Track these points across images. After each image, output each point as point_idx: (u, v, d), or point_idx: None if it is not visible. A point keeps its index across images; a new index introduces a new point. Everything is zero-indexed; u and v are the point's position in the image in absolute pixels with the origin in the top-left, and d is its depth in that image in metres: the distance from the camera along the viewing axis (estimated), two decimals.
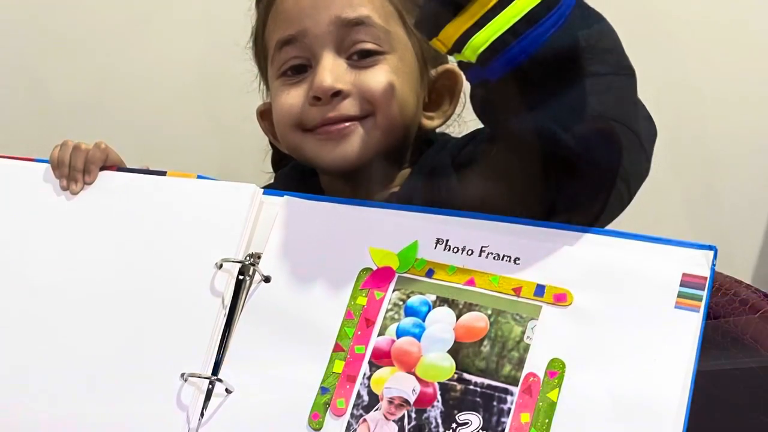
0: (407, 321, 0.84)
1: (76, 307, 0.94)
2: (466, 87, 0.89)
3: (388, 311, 0.85)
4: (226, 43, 1.17)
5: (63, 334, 0.94)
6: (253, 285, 0.91)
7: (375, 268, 0.87)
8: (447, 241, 0.86)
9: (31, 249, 1.00)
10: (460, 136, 1.04)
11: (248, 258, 0.92)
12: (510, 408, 0.78)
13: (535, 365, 0.79)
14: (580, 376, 0.78)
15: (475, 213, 0.87)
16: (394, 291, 0.86)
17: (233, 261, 0.91)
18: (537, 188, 0.84)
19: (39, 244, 1.00)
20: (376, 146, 0.99)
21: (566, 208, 0.85)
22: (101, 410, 0.89)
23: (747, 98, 1.68)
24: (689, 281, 0.78)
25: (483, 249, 0.85)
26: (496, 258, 0.84)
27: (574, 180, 0.84)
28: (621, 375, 0.77)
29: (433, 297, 0.84)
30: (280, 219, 0.93)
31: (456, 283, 0.84)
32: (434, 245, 0.86)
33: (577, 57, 0.78)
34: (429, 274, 0.85)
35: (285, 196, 0.94)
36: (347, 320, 0.86)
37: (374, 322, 0.85)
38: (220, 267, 0.91)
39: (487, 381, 0.80)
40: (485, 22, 0.77)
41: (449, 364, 0.81)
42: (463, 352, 0.81)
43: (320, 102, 0.98)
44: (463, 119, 1.08)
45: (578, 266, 0.82)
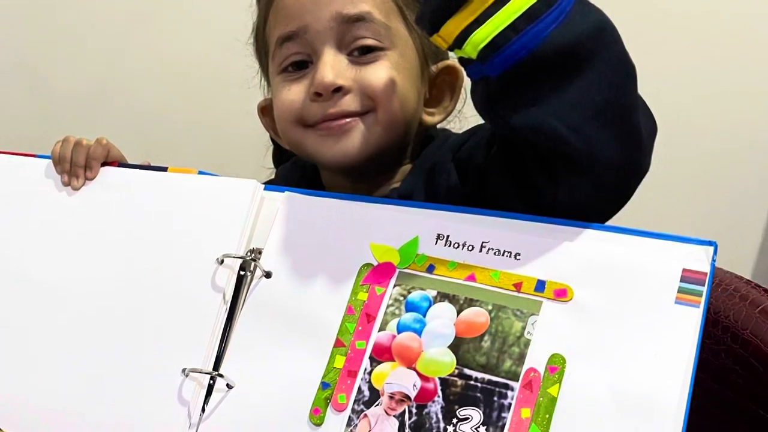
0: (408, 316, 0.84)
1: (77, 303, 0.95)
2: (467, 83, 0.89)
3: (389, 307, 0.85)
4: (227, 40, 1.17)
5: (64, 330, 0.94)
6: (254, 280, 0.91)
7: (376, 264, 0.87)
8: (448, 237, 0.86)
9: (32, 244, 1.00)
10: (461, 132, 1.04)
11: (249, 253, 0.92)
12: (510, 403, 0.78)
13: (536, 360, 0.79)
14: (581, 372, 0.78)
15: (476, 209, 0.87)
16: (395, 286, 0.86)
17: (234, 256, 0.91)
18: None
19: (40, 240, 1.00)
20: (377, 142, 0.99)
21: (567, 204, 0.85)
22: (102, 405, 0.90)
23: (747, 94, 1.68)
24: (689, 277, 0.79)
25: (483, 245, 0.85)
26: (497, 254, 0.84)
27: (575, 176, 0.84)
28: (621, 370, 0.77)
29: (434, 292, 0.85)
30: (281, 215, 0.93)
31: (457, 279, 0.84)
32: (435, 241, 0.86)
33: (578, 53, 0.78)
34: (430, 270, 0.85)
35: (286, 192, 0.95)
36: (348, 315, 0.86)
37: (375, 318, 0.85)
38: (221, 262, 0.91)
39: (488, 376, 0.80)
40: (486, 19, 0.77)
41: (450, 360, 0.81)
42: (464, 348, 0.81)
43: (321, 98, 0.98)
44: (464, 115, 1.08)
45: (579, 262, 0.82)
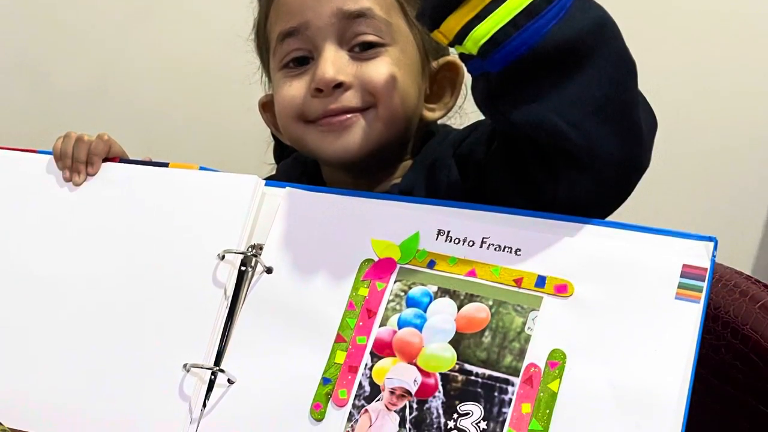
0: (409, 312, 0.84)
1: (79, 298, 0.95)
2: (468, 79, 0.90)
3: (390, 302, 0.85)
4: (229, 36, 1.17)
5: (65, 326, 0.94)
6: (255, 276, 0.91)
7: (376, 259, 0.87)
8: (448, 233, 0.86)
9: (34, 240, 1.00)
10: (462, 128, 1.04)
11: (250, 249, 0.92)
12: (511, 398, 0.79)
13: (536, 356, 0.79)
14: (581, 367, 0.78)
15: (476, 204, 0.87)
16: (396, 282, 0.86)
17: (235, 252, 0.91)
18: None
19: (41, 236, 1.00)
20: (378, 138, 0.99)
21: (567, 200, 0.85)
22: (103, 401, 0.90)
23: (747, 90, 1.68)
24: (689, 272, 0.79)
25: (484, 240, 0.85)
26: (497, 249, 0.84)
27: (575, 172, 0.84)
28: (622, 365, 0.77)
29: (435, 288, 0.85)
30: (282, 210, 0.93)
31: (457, 274, 0.85)
32: (435, 236, 0.87)
33: (578, 49, 0.79)
34: (430, 265, 0.86)
35: (287, 188, 0.95)
36: (349, 311, 0.86)
37: (376, 313, 0.85)
38: (223, 258, 0.91)
39: (488, 372, 0.80)
40: (486, 15, 0.78)
41: (450, 355, 0.82)
42: (465, 343, 0.82)
43: (322, 94, 0.98)
44: (465, 111, 1.08)
45: (579, 257, 0.82)
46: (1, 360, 0.95)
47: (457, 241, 0.86)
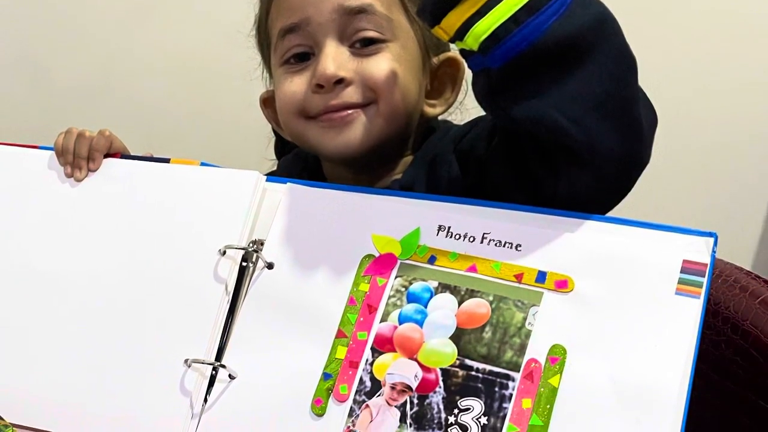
0: (409, 307, 0.85)
1: (80, 294, 0.95)
2: (468, 74, 0.90)
3: (391, 297, 0.85)
4: (230, 32, 1.17)
5: (66, 321, 0.94)
6: (257, 271, 0.91)
7: (377, 255, 0.88)
8: (449, 228, 0.86)
9: (35, 236, 1.00)
10: (462, 124, 1.04)
11: (251, 245, 0.92)
12: (511, 394, 0.79)
13: (537, 351, 0.80)
14: (582, 362, 0.78)
15: (477, 200, 0.87)
16: (397, 277, 0.86)
17: (236, 248, 0.92)
18: None
19: (43, 232, 1.00)
20: (379, 134, 0.99)
21: (568, 196, 0.85)
22: (105, 396, 0.90)
23: (747, 86, 1.68)
24: (690, 268, 0.79)
25: (485, 236, 0.85)
26: (498, 245, 0.84)
27: (576, 167, 0.84)
28: (622, 361, 0.77)
29: (435, 283, 0.85)
30: (283, 206, 0.93)
31: (458, 270, 0.85)
32: (436, 232, 0.87)
33: (579, 45, 0.79)
34: (431, 261, 0.86)
35: (288, 183, 0.95)
36: (350, 306, 0.86)
37: (377, 309, 0.85)
38: (224, 254, 0.92)
39: (489, 367, 0.80)
40: (487, 10, 0.78)
41: (451, 350, 0.82)
42: (465, 339, 0.82)
43: (323, 90, 0.98)
44: (465, 107, 1.08)
45: (579, 253, 0.82)
46: (3, 356, 0.95)
47: (458, 237, 0.86)
